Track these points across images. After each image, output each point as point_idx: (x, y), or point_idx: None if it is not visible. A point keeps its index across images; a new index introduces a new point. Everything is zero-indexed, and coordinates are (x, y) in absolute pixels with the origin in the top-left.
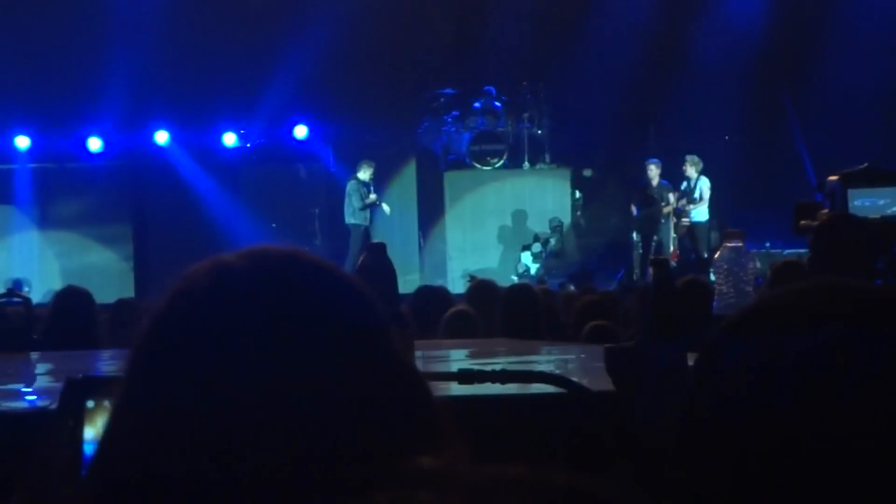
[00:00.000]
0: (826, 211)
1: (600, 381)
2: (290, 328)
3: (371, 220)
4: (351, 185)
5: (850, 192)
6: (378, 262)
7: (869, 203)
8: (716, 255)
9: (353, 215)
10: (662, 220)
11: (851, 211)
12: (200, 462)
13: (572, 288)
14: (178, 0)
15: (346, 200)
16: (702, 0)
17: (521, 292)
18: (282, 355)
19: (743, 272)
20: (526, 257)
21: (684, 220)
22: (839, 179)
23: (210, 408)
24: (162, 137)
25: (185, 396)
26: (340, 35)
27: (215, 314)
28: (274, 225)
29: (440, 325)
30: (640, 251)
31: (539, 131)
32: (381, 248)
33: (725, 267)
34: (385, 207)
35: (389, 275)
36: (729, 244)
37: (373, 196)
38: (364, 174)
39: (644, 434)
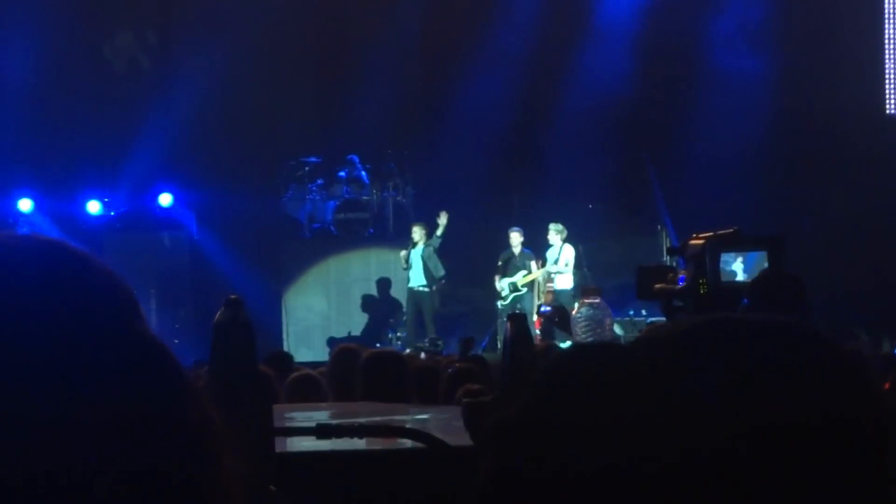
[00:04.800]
0: (684, 271)
1: (461, 438)
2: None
3: (409, 280)
4: None
5: (723, 256)
6: (233, 318)
7: (735, 265)
8: (573, 312)
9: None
10: (524, 289)
11: (723, 275)
12: None
13: (423, 356)
14: (42, 66)
15: None
16: (563, 71)
17: (386, 357)
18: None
19: (601, 328)
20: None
21: (549, 285)
22: (707, 243)
23: None
24: (25, 205)
25: None
26: (205, 102)
27: None
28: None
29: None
30: (504, 319)
31: (403, 199)
32: (238, 303)
33: (583, 323)
34: (405, 260)
35: (245, 331)
36: (587, 300)
37: (402, 254)
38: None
39: None
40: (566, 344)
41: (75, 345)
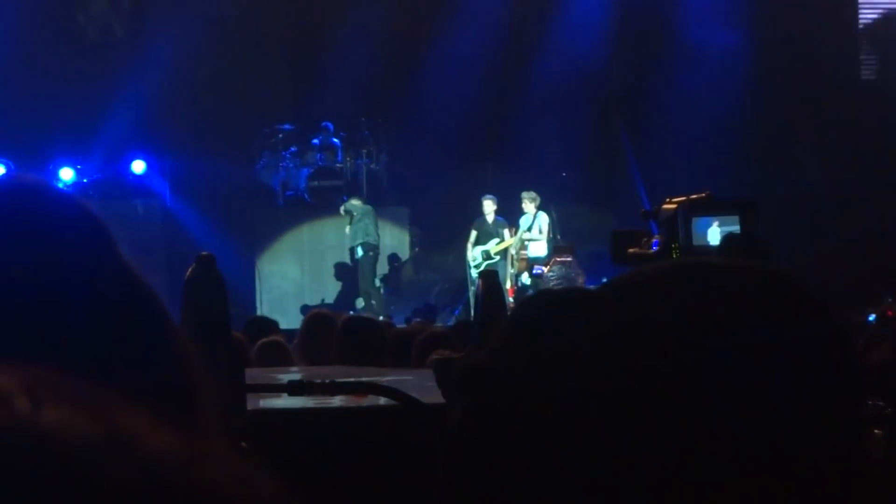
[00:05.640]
0: (658, 236)
1: (434, 396)
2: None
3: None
4: None
5: (694, 221)
6: (205, 275)
7: (711, 230)
8: (545, 270)
9: None
10: (497, 257)
11: (695, 239)
12: None
13: (418, 320)
14: (14, 32)
15: None
16: (537, 38)
17: (360, 322)
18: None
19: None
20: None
21: (523, 252)
22: (679, 207)
23: None
24: None
25: None
26: (179, 69)
27: None
28: None
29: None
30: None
31: (377, 167)
32: (209, 259)
33: (555, 282)
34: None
35: (217, 287)
36: (559, 259)
37: (346, 230)
38: None
39: None
40: None
41: (54, 269)
